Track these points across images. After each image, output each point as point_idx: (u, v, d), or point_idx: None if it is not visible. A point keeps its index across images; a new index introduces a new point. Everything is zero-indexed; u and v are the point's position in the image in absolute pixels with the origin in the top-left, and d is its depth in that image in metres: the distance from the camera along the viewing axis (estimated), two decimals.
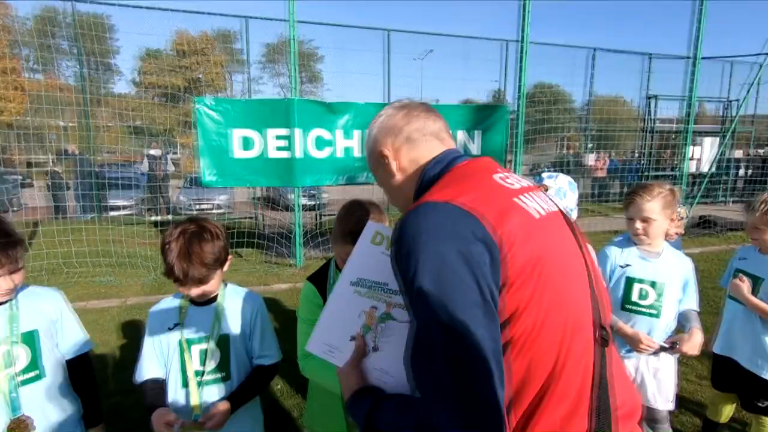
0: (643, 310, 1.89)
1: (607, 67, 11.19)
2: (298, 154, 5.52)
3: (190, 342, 1.38)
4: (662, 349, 1.88)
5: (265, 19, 8.34)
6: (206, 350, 1.38)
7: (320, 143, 5.67)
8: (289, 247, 6.26)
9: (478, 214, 0.70)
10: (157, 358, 1.40)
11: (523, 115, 6.65)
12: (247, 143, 5.44)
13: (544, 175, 1.79)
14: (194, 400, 1.35)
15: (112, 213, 8.97)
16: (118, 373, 3.08)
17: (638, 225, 1.85)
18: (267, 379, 1.49)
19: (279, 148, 5.50)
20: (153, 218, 8.94)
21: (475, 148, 6.37)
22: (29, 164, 9.91)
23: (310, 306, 1.41)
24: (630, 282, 1.91)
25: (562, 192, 1.72)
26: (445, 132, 0.96)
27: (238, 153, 5.42)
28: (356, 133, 5.87)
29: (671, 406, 1.99)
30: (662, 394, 1.96)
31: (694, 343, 1.80)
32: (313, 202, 11.27)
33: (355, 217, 1.32)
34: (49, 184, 9.18)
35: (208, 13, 7.74)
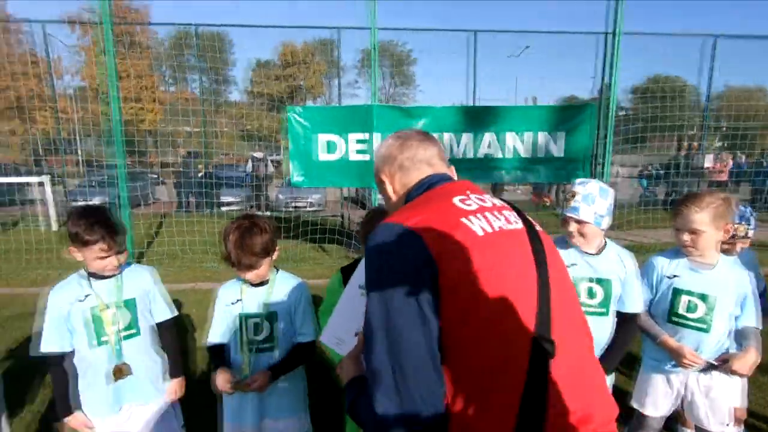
0: (691, 323, 1.80)
1: (736, 54, 9.75)
2: None
3: (246, 316, 1.70)
4: (711, 366, 1.77)
5: (353, 28, 8.82)
6: (258, 323, 1.69)
7: None
8: None
9: (421, 233, 0.82)
10: (222, 327, 1.75)
11: (612, 112, 6.21)
12: (330, 147, 5.91)
13: (576, 181, 1.80)
14: (245, 364, 1.67)
15: (223, 208, 10.21)
16: None
17: (685, 237, 1.76)
18: (304, 355, 1.76)
19: (359, 151, 5.89)
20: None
21: (557, 150, 6.13)
22: (163, 165, 11.78)
23: (332, 294, 1.65)
24: (677, 293, 1.83)
25: (590, 198, 1.73)
26: (437, 158, 1.10)
27: (323, 156, 5.92)
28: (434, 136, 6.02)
29: (730, 430, 1.85)
30: (716, 416, 1.84)
31: (745, 362, 1.68)
32: None
33: (373, 223, 1.52)
34: (175, 182, 10.72)
35: (310, 27, 8.48)
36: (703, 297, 1.79)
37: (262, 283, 1.73)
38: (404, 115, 5.91)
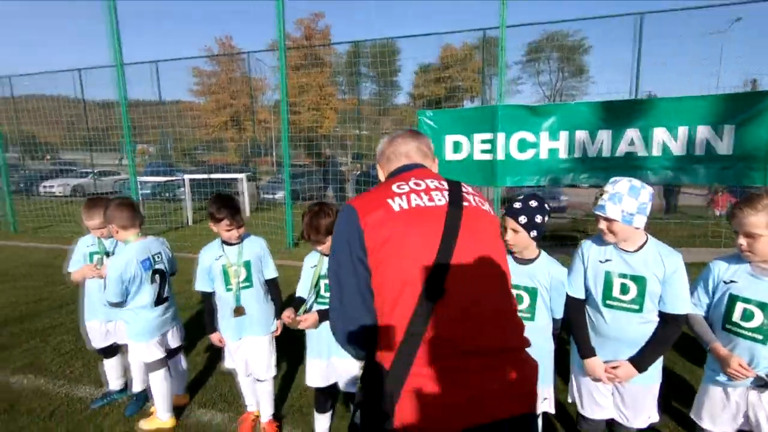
0: (746, 333, 1.69)
1: None
2: (500, 156, 5.95)
3: (321, 276, 2.28)
4: (759, 379, 1.65)
5: (475, 29, 8.83)
6: (327, 284, 2.26)
7: (523, 145, 5.92)
8: None
9: (357, 210, 1.19)
10: (305, 283, 2.35)
11: None
12: (456, 147, 6.26)
13: (610, 180, 1.86)
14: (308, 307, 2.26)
15: None
16: None
17: (741, 240, 1.67)
18: None
19: (483, 151, 6.08)
20: None
21: (723, 146, 5.24)
22: (334, 164, 13.74)
23: None
24: (733, 300, 1.73)
25: (618, 197, 1.78)
26: (414, 150, 1.41)
27: (449, 156, 6.30)
28: (563, 135, 5.81)
29: None
30: None
31: None
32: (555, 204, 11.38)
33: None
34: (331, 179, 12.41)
35: (463, 30, 8.81)
36: (762, 306, 1.66)
37: None
38: (531, 113, 5.85)
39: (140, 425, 2.67)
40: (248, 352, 2.52)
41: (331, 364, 2.29)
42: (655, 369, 1.89)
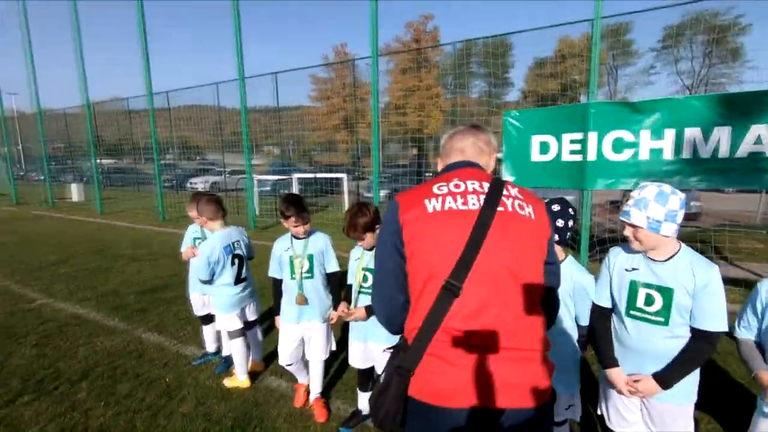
0: None
1: None
2: (591, 157, 5.56)
3: (364, 269, 2.52)
4: None
5: (583, 20, 8.13)
6: (366, 276, 2.49)
7: (619, 145, 5.45)
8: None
9: (400, 205, 1.32)
10: (352, 273, 2.62)
11: None
12: (544, 148, 6.00)
13: (639, 185, 1.78)
14: (352, 302, 2.51)
15: None
16: None
17: None
18: None
19: (573, 152, 5.74)
20: None
21: None
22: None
23: None
24: None
25: (643, 203, 1.71)
26: (470, 146, 1.46)
27: (536, 157, 6.07)
28: (669, 133, 5.21)
29: None
30: None
31: None
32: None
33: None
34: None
35: (579, 21, 8.30)
36: None
37: (372, 248, 2.50)
38: (629, 111, 5.35)
39: (224, 382, 3.23)
40: (306, 337, 2.86)
41: (368, 347, 2.54)
42: (688, 388, 1.75)
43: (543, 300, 1.32)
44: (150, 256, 7.47)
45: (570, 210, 1.95)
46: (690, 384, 1.76)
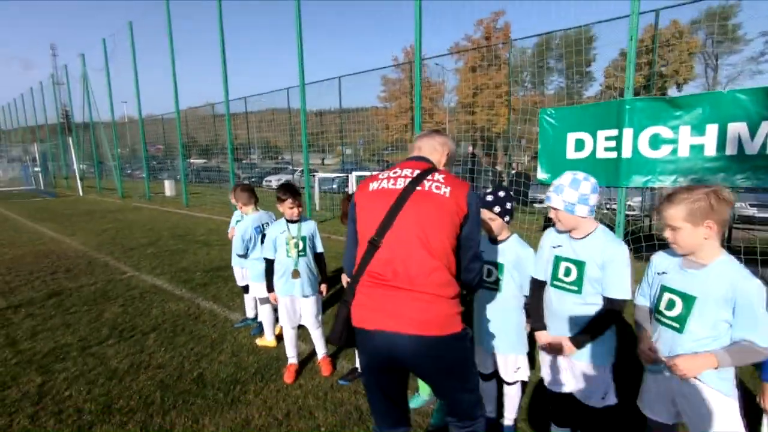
0: (667, 321, 1.73)
1: None
2: (626, 153, 5.48)
3: None
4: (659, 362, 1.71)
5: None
6: None
7: (656, 142, 5.33)
8: None
9: (357, 187, 1.84)
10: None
11: None
12: (579, 145, 6.00)
13: (566, 173, 2.04)
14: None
15: (535, 205, 11.22)
16: None
17: (666, 233, 1.71)
18: None
19: (607, 149, 5.69)
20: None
21: None
22: (507, 165, 13.95)
23: None
24: (662, 290, 1.77)
25: (560, 189, 1.98)
26: (426, 146, 1.89)
27: (571, 154, 6.08)
28: (711, 129, 5.02)
29: None
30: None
31: (690, 360, 1.59)
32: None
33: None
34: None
35: (673, 6, 7.83)
36: (683, 296, 1.66)
37: None
38: (667, 106, 5.22)
39: (256, 341, 3.87)
40: (299, 308, 3.29)
41: None
42: (602, 349, 1.99)
43: (457, 261, 1.69)
44: (219, 242, 8.54)
45: (511, 194, 2.27)
46: (604, 346, 1.99)
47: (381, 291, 1.62)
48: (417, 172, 1.74)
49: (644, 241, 5.79)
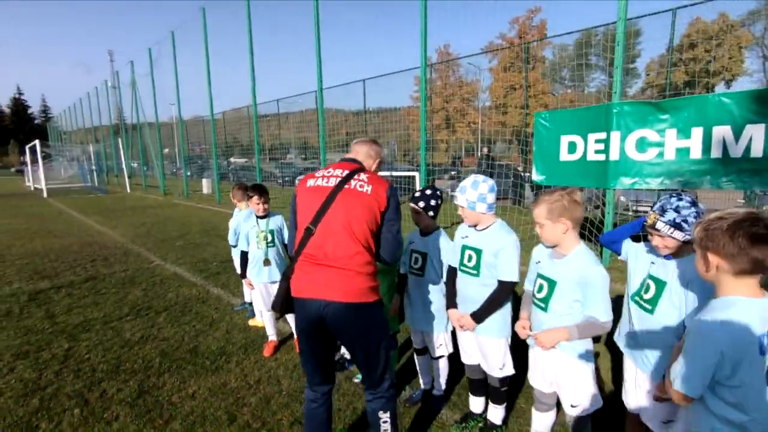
0: (538, 302, 2.06)
1: None
2: (614, 156, 5.61)
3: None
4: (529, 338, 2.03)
5: None
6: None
7: (642, 144, 5.43)
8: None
9: (299, 183, 2.25)
10: None
11: None
12: (572, 147, 6.16)
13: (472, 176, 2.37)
14: None
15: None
16: None
17: (537, 229, 2.03)
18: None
19: (597, 151, 5.83)
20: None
21: None
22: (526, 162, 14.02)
23: None
24: (538, 276, 2.10)
25: (463, 189, 2.33)
26: (361, 151, 2.29)
27: (564, 156, 6.25)
28: (696, 132, 5.09)
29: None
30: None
31: (548, 334, 1.93)
32: None
33: None
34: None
35: None
36: (548, 280, 1.99)
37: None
38: (654, 110, 5.32)
39: (249, 322, 4.41)
40: (273, 293, 3.74)
41: None
42: (498, 325, 2.32)
43: (377, 244, 2.06)
44: None
45: (438, 192, 2.63)
46: (499, 322, 2.32)
47: (315, 268, 2.00)
48: (346, 172, 2.12)
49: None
